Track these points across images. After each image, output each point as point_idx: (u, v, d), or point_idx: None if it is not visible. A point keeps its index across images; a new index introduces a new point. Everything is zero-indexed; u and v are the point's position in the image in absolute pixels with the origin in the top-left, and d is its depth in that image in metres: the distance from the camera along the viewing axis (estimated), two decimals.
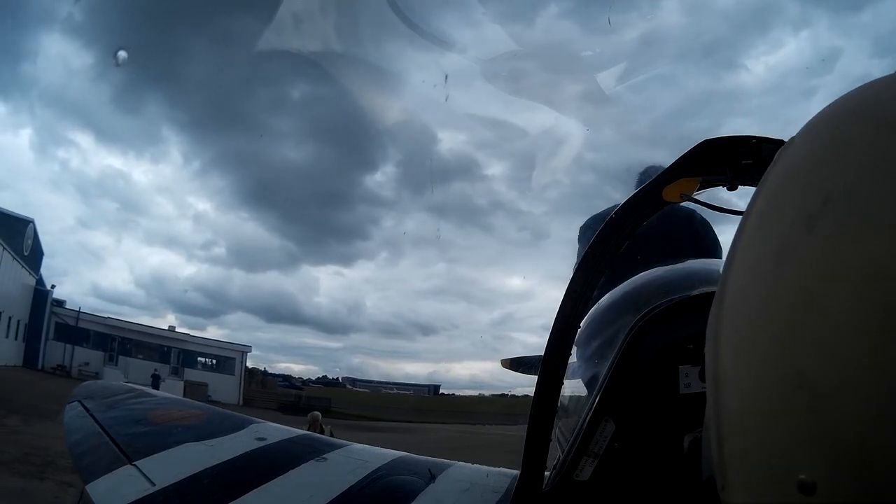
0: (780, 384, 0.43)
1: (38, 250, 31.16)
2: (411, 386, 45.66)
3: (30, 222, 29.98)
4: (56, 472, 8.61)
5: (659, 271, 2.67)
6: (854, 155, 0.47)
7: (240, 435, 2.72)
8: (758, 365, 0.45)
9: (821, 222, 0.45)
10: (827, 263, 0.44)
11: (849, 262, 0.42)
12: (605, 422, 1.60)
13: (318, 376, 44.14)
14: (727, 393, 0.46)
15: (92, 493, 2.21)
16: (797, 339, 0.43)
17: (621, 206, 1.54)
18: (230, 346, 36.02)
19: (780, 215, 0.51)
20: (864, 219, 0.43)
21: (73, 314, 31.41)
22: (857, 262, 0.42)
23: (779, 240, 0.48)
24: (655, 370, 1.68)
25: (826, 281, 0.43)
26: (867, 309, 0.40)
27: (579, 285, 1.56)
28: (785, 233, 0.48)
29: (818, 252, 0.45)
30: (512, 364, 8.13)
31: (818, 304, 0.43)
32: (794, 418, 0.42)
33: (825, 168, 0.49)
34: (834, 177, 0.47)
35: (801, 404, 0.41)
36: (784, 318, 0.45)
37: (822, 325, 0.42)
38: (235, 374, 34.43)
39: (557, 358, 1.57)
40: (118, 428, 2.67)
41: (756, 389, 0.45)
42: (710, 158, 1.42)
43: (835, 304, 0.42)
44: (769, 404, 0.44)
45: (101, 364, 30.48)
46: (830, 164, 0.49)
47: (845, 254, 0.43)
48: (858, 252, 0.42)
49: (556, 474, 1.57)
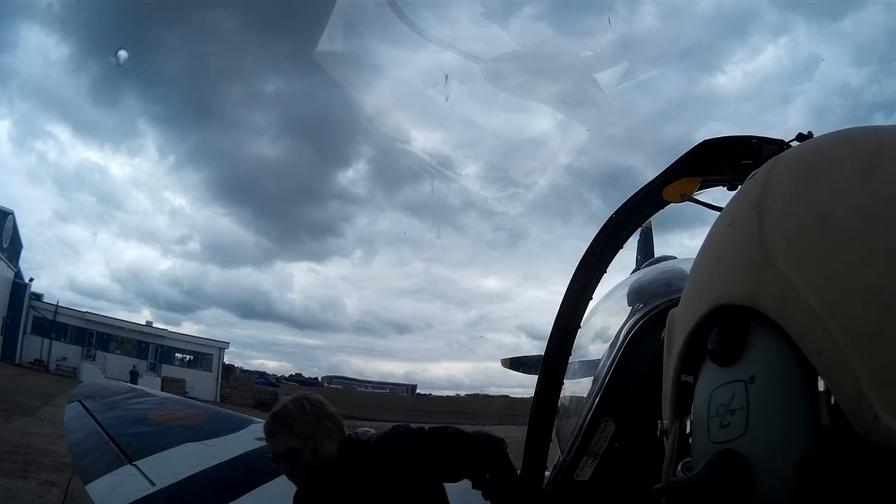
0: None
1: (17, 243, 30.64)
2: (388, 385, 45.63)
3: (9, 214, 29.44)
4: (39, 470, 8.45)
5: (657, 270, 2.67)
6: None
7: (240, 435, 2.72)
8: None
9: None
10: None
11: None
12: (605, 422, 1.60)
13: (292, 373, 44.03)
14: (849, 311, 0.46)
15: (92, 493, 2.21)
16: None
17: (621, 206, 1.54)
18: (208, 342, 35.85)
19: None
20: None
21: (52, 308, 31.01)
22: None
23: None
24: (655, 370, 1.68)
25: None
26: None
27: (579, 285, 1.56)
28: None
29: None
30: (512, 364, 8.13)
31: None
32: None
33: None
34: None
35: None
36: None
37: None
38: (213, 371, 34.26)
39: (557, 358, 1.57)
40: (118, 428, 2.67)
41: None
42: (710, 158, 1.42)
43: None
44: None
45: (79, 359, 30.20)
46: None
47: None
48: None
49: (557, 474, 1.57)
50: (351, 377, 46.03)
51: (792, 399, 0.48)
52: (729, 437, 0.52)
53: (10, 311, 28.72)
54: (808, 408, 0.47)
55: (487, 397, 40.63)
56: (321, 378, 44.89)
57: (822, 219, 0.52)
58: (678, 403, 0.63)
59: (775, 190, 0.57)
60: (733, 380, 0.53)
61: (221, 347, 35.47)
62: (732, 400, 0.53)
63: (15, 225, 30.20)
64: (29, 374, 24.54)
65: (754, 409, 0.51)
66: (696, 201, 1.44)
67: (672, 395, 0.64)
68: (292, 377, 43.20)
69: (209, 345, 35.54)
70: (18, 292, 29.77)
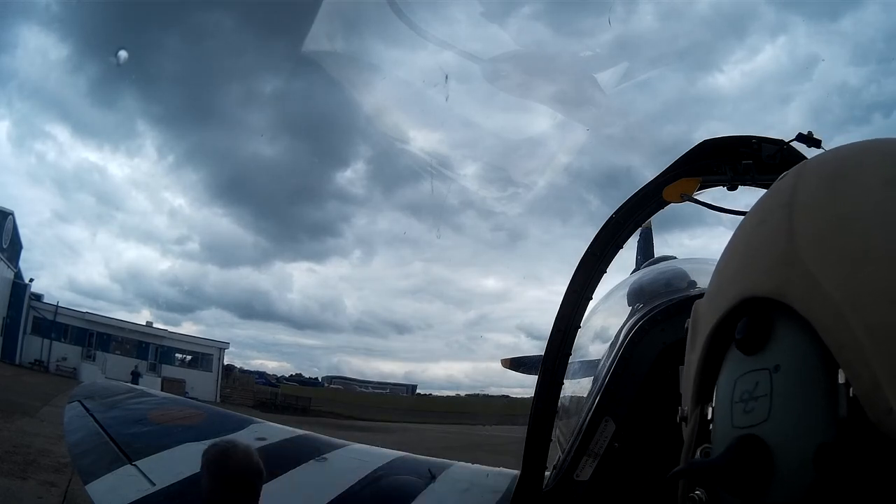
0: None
1: (17, 243, 30.48)
2: (388, 385, 45.54)
3: (9, 214, 29.29)
4: (38, 471, 8.42)
5: (657, 270, 2.67)
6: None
7: (240, 435, 2.72)
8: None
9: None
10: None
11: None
12: (605, 422, 1.60)
13: (292, 374, 43.92)
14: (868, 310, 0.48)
15: (92, 493, 2.21)
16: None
17: (621, 206, 1.54)
18: (208, 342, 35.72)
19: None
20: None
21: (52, 308, 30.84)
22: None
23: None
24: (655, 370, 1.68)
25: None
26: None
27: (579, 285, 1.56)
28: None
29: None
30: (512, 364, 8.13)
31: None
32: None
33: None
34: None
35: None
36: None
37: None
38: (213, 371, 34.15)
39: (557, 358, 1.57)
40: (118, 428, 2.68)
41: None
42: (710, 158, 1.42)
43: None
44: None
45: (79, 359, 30.05)
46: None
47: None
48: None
49: (557, 474, 1.58)
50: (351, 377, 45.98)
51: (813, 389, 0.51)
52: (752, 423, 0.55)
53: (10, 312, 28.65)
54: (829, 398, 0.49)
55: (487, 397, 40.69)
56: (321, 378, 44.86)
57: (849, 221, 0.54)
58: (700, 391, 0.65)
59: (805, 192, 0.60)
60: (758, 368, 0.56)
61: (221, 348, 35.43)
62: (756, 387, 0.55)
63: (15, 225, 30.17)
64: (29, 375, 24.50)
65: (777, 397, 0.53)
66: (696, 201, 1.44)
67: (695, 382, 0.66)
68: (292, 377, 43.11)
69: (209, 345, 35.50)
70: (18, 292, 29.70)
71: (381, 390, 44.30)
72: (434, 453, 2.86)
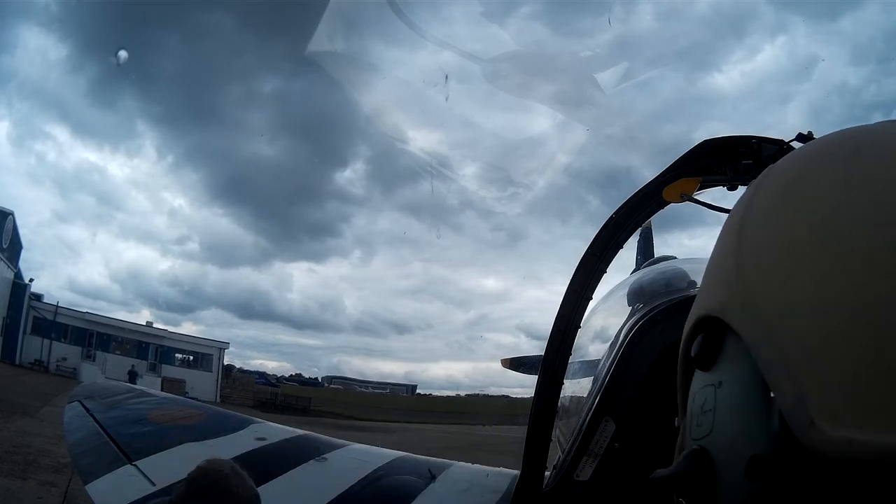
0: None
1: (17, 243, 30.48)
2: (388, 385, 45.50)
3: (9, 214, 29.29)
4: (38, 471, 8.45)
5: (657, 270, 2.67)
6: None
7: (240, 435, 2.72)
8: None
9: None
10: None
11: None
12: (605, 422, 1.60)
13: (292, 374, 43.89)
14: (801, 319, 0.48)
15: (92, 493, 2.21)
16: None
17: (621, 206, 1.54)
18: (208, 342, 35.72)
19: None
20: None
21: (52, 308, 30.85)
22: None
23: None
24: (655, 370, 1.68)
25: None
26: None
27: (579, 285, 1.56)
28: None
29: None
30: (512, 364, 8.13)
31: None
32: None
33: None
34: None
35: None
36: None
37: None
38: (213, 371, 34.16)
39: (557, 358, 1.58)
40: (118, 428, 2.68)
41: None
42: (711, 158, 1.42)
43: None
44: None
45: (79, 359, 30.06)
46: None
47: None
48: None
49: (557, 474, 1.58)
50: (351, 377, 45.95)
51: (748, 403, 0.53)
52: (701, 436, 0.58)
53: (10, 312, 28.66)
54: (762, 412, 0.51)
55: (487, 397, 40.70)
56: (321, 378, 44.84)
57: (788, 230, 0.55)
58: (683, 400, 0.68)
59: (759, 203, 0.60)
60: (708, 384, 0.59)
61: (221, 348, 35.44)
62: (705, 402, 0.59)
63: (15, 225, 30.17)
64: (29, 375, 24.52)
65: (718, 411, 0.56)
66: (696, 201, 1.44)
67: (679, 394, 0.69)
68: (292, 377, 43.10)
69: (209, 345, 35.50)
70: (18, 293, 29.70)
71: (381, 390, 44.29)
72: (434, 453, 2.86)
